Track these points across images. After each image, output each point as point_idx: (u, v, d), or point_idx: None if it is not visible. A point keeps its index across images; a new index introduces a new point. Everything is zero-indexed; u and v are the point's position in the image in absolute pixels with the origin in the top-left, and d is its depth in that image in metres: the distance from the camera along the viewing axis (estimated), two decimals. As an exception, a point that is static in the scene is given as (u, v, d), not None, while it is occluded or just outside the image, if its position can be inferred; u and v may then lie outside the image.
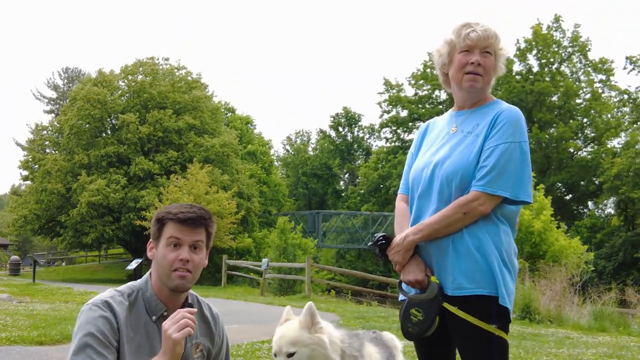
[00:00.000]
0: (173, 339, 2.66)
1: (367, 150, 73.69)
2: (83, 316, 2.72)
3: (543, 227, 22.81)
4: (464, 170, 3.05)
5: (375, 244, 3.26)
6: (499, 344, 3.01)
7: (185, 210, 2.82)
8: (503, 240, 3.05)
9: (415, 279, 3.12)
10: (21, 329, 10.34)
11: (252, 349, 9.17)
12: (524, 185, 3.03)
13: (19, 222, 39.13)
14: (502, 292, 2.97)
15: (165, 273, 2.81)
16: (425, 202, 3.19)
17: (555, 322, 15.64)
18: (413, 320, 3.11)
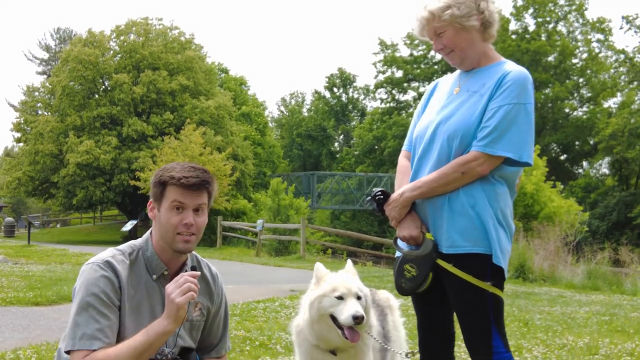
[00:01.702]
0: (177, 303, 2.66)
1: (362, 111, 73.50)
2: (84, 276, 2.71)
3: (535, 188, 22.87)
4: (465, 130, 3.04)
5: (373, 199, 3.26)
6: (493, 301, 3.02)
7: (188, 174, 2.78)
8: (500, 200, 3.04)
9: (410, 235, 3.13)
10: (17, 290, 10.37)
11: (248, 309, 9.23)
12: (527, 146, 3.00)
13: (12, 184, 39.06)
14: (497, 251, 2.97)
15: (169, 236, 2.80)
16: (425, 160, 3.18)
17: (548, 281, 15.78)
18: (407, 275, 3.13)
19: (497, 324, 3.03)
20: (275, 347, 6.59)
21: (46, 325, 7.53)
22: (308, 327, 3.20)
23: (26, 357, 5.70)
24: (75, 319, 2.63)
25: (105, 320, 2.63)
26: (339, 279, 3.23)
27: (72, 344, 2.60)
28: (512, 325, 8.27)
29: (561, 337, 7.40)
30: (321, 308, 3.14)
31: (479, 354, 3.07)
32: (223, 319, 3.10)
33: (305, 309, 3.25)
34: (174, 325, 2.71)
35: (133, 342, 2.64)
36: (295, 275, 15.56)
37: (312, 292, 3.24)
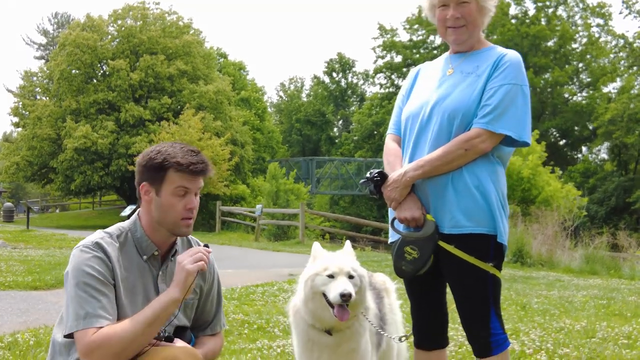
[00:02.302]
0: (187, 270, 2.70)
1: (361, 96, 73.29)
2: (75, 259, 2.69)
3: (532, 172, 22.89)
4: (466, 109, 3.04)
5: (370, 180, 3.22)
6: (493, 282, 3.04)
7: (194, 160, 2.77)
8: (500, 180, 3.07)
9: (412, 216, 3.10)
10: (16, 275, 10.39)
11: (247, 292, 9.26)
12: (526, 126, 3.03)
13: (11, 168, 39.01)
14: (501, 230, 3.00)
15: (172, 221, 2.80)
16: (422, 139, 3.16)
17: (546, 266, 15.82)
18: (407, 258, 3.10)
19: (495, 306, 3.05)
20: (273, 330, 6.62)
21: (45, 309, 7.56)
22: (303, 306, 3.22)
23: (24, 340, 5.71)
24: (74, 301, 2.60)
25: (105, 298, 2.62)
26: (333, 258, 3.24)
27: (76, 324, 2.57)
28: (509, 309, 8.30)
29: (558, 321, 7.43)
30: (314, 286, 3.15)
31: (477, 336, 3.08)
32: (216, 296, 3.10)
33: (301, 288, 3.27)
34: (182, 294, 2.72)
35: (143, 314, 2.64)
36: (294, 259, 15.58)
37: (307, 271, 3.26)
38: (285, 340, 5.94)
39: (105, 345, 2.52)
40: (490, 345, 3.02)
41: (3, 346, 5.48)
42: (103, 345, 2.52)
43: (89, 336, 2.53)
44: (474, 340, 3.10)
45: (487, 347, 3.03)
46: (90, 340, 2.53)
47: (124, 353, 2.56)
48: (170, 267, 2.90)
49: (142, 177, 2.84)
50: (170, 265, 2.90)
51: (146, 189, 2.81)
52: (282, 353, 5.56)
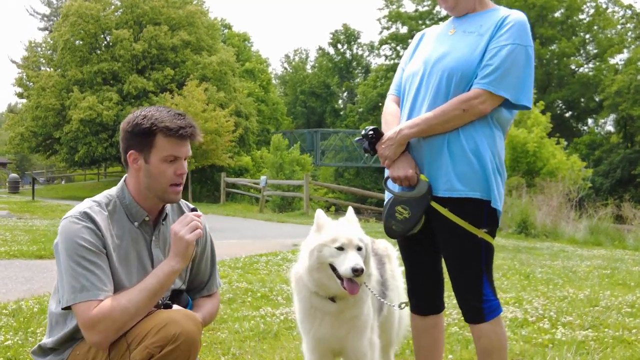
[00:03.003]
0: (186, 240, 2.68)
1: (366, 68, 72.88)
2: (65, 231, 2.64)
3: (537, 145, 22.79)
4: (465, 67, 2.96)
5: (365, 137, 3.16)
6: (486, 248, 2.99)
7: (183, 124, 2.71)
8: (497, 145, 2.99)
9: (405, 175, 3.03)
10: (21, 244, 10.44)
11: (250, 262, 9.29)
12: (526, 89, 2.94)
13: (15, 139, 39.07)
14: (495, 195, 2.94)
15: (162, 188, 2.75)
16: (420, 98, 3.09)
17: (550, 237, 15.82)
18: (398, 217, 3.06)
19: (488, 272, 3.01)
20: (276, 298, 6.64)
21: (49, 277, 7.59)
22: (307, 275, 3.18)
23: (28, 307, 5.74)
24: (68, 273, 2.57)
25: (99, 269, 2.59)
26: (340, 228, 3.16)
27: (73, 297, 2.54)
28: (512, 278, 8.31)
29: (562, 290, 7.44)
30: (321, 257, 3.10)
31: (469, 301, 3.06)
32: (210, 256, 3.08)
33: (305, 257, 3.23)
34: (183, 264, 2.71)
35: (144, 285, 2.63)
36: (299, 230, 15.61)
37: (313, 240, 3.20)
38: (288, 308, 5.96)
39: (108, 318, 2.52)
40: (483, 312, 3.00)
41: (7, 313, 5.52)
42: (106, 318, 2.51)
43: (90, 310, 2.51)
44: (466, 307, 3.08)
45: (480, 313, 3.01)
46: (92, 315, 2.51)
47: (126, 324, 2.56)
48: (163, 231, 2.87)
49: (128, 143, 2.76)
50: (163, 229, 2.87)
51: (134, 156, 2.74)
52: (285, 320, 5.58)
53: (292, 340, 4.94)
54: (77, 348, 2.69)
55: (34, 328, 5.02)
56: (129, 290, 2.62)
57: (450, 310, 6.02)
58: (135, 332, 2.56)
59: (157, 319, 2.57)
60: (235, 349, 4.70)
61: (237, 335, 5.11)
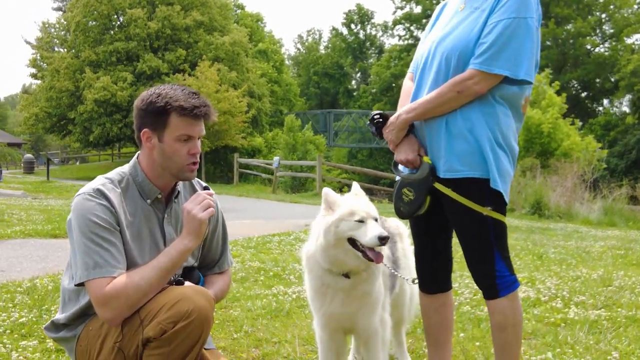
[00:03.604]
0: (199, 219, 2.69)
1: (379, 48, 72.53)
2: (78, 207, 2.65)
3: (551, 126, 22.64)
4: (463, 48, 2.90)
5: (372, 121, 3.20)
6: (494, 225, 2.96)
7: (196, 103, 2.71)
8: (500, 122, 2.91)
9: (406, 158, 3.06)
10: (35, 223, 10.52)
11: (263, 242, 9.33)
12: (525, 63, 2.84)
13: (30, 120, 39.27)
14: (494, 175, 2.88)
15: (177, 167, 2.75)
16: (424, 80, 3.08)
17: (564, 218, 15.76)
18: (405, 199, 3.09)
19: (500, 248, 2.99)
20: (288, 277, 6.67)
21: (63, 256, 7.64)
22: (322, 252, 3.18)
23: (43, 285, 5.80)
24: (82, 250, 2.58)
25: (113, 247, 2.60)
26: (356, 202, 3.18)
27: (87, 274, 2.55)
28: (526, 259, 8.29)
29: (575, 270, 7.41)
30: (338, 232, 3.09)
31: (482, 278, 3.06)
32: (222, 234, 3.09)
33: (318, 234, 3.21)
34: (196, 242, 2.72)
35: (157, 262, 2.64)
36: (311, 211, 15.56)
37: (327, 217, 3.18)
38: (300, 287, 5.98)
39: (122, 295, 2.53)
40: (497, 287, 2.99)
41: (22, 291, 5.57)
42: (119, 295, 2.53)
43: (104, 287, 2.53)
44: (481, 283, 3.08)
45: (494, 289, 3.00)
46: (105, 291, 2.52)
47: (139, 301, 2.58)
48: (175, 209, 2.88)
49: (142, 121, 2.75)
50: (175, 206, 2.88)
51: (148, 135, 2.73)
52: (297, 299, 5.60)
53: (304, 319, 4.97)
54: (90, 324, 2.71)
55: (48, 305, 5.07)
56: (142, 268, 2.63)
57: (462, 290, 6.03)
58: (148, 308, 2.57)
59: (170, 296, 2.58)
60: (247, 327, 4.73)
61: (249, 313, 5.14)
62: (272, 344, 4.36)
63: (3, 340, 4.18)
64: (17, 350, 4.00)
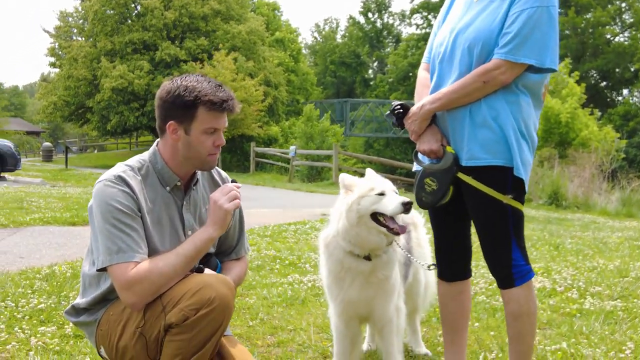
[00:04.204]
0: (225, 209, 2.72)
1: (396, 37, 72.21)
2: (100, 194, 2.67)
3: (570, 116, 22.47)
4: (486, 38, 2.90)
5: (392, 112, 3.19)
6: (513, 214, 2.97)
7: (224, 97, 2.72)
8: (523, 110, 2.93)
9: (430, 149, 3.06)
10: (54, 211, 10.62)
11: (279, 230, 9.36)
12: (550, 51, 2.86)
13: (48, 108, 39.50)
14: (518, 163, 2.89)
15: (201, 158, 2.78)
16: (447, 71, 3.07)
17: (582, 208, 15.67)
18: (427, 189, 3.10)
19: (517, 237, 3.00)
20: (304, 265, 6.70)
21: (82, 243, 7.72)
22: (344, 233, 3.20)
23: (61, 272, 5.87)
24: (104, 235, 2.60)
25: (135, 232, 2.63)
26: (373, 179, 3.25)
27: (109, 259, 2.57)
28: (542, 249, 8.28)
29: (591, 260, 7.39)
30: (361, 209, 3.13)
31: (498, 267, 3.06)
32: (238, 221, 3.11)
33: (339, 217, 3.23)
34: (220, 231, 2.75)
35: (182, 250, 2.67)
36: (327, 200, 15.63)
37: (347, 197, 3.22)
38: (315, 275, 6.01)
39: (146, 280, 2.55)
40: (513, 277, 3.00)
41: (41, 277, 5.64)
42: (143, 280, 2.55)
43: (127, 271, 2.55)
44: (496, 272, 3.08)
45: (510, 278, 3.01)
46: (129, 276, 2.55)
47: (163, 287, 2.60)
48: (193, 196, 2.91)
49: (168, 114, 2.76)
50: (193, 194, 2.90)
51: (174, 127, 2.74)
52: (312, 287, 5.63)
53: (319, 307, 5.00)
54: (110, 309, 2.74)
55: (66, 292, 5.14)
56: (166, 254, 2.66)
57: (477, 280, 6.03)
58: (171, 294, 2.60)
59: (193, 283, 2.61)
60: (263, 314, 4.77)
61: (265, 301, 5.18)
62: (288, 331, 4.40)
63: (22, 325, 4.25)
64: (35, 335, 4.06)
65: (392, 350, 3.43)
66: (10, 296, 4.94)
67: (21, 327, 4.21)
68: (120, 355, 2.70)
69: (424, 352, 4.02)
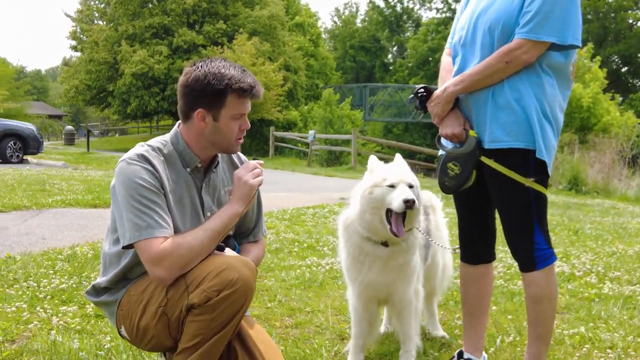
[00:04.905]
0: (250, 184, 2.78)
1: (416, 21, 71.68)
2: (123, 172, 2.68)
3: (592, 101, 22.24)
4: (506, 18, 2.89)
5: (415, 95, 3.17)
6: (536, 197, 2.96)
7: (252, 83, 2.75)
8: (547, 92, 2.90)
9: (452, 132, 3.05)
10: (76, 193, 10.71)
11: (298, 214, 9.40)
12: (572, 27, 2.84)
13: (70, 92, 39.71)
14: (540, 145, 2.87)
15: (228, 143, 2.81)
16: (469, 54, 3.06)
17: (602, 194, 15.56)
18: (450, 174, 3.08)
19: (540, 221, 2.99)
20: (322, 249, 6.73)
21: (103, 225, 7.78)
22: (359, 218, 3.21)
23: (83, 253, 5.95)
24: (130, 212, 2.61)
25: (160, 208, 2.64)
26: (390, 168, 3.23)
27: (138, 235, 2.58)
28: (561, 234, 8.25)
29: (611, 246, 7.35)
30: (372, 198, 3.14)
31: (520, 250, 3.05)
32: (257, 204, 3.13)
33: (356, 200, 3.26)
34: (245, 207, 2.79)
35: (209, 225, 2.69)
36: (346, 184, 15.67)
37: (363, 182, 3.25)
38: (333, 259, 6.04)
39: (175, 254, 2.57)
40: (535, 260, 2.99)
41: (63, 258, 5.72)
42: (172, 254, 2.57)
43: (156, 246, 2.57)
44: (518, 255, 3.08)
45: (531, 261, 3.01)
46: (159, 250, 2.56)
47: (191, 262, 2.62)
48: (213, 179, 2.93)
49: (196, 101, 2.75)
50: (213, 176, 2.92)
51: (202, 114, 2.75)
52: (330, 270, 5.66)
53: (337, 289, 5.03)
54: (131, 289, 2.77)
55: (87, 272, 5.21)
56: (194, 230, 2.68)
57: (496, 264, 6.02)
58: (194, 274, 2.61)
59: (216, 264, 2.62)
60: (281, 296, 4.81)
61: (283, 283, 5.22)
62: (305, 313, 4.43)
63: (44, 305, 4.32)
64: (57, 315, 4.13)
65: (410, 332, 3.45)
66: (32, 276, 5.03)
67: (43, 306, 4.29)
68: (141, 334, 2.73)
69: (441, 334, 4.04)
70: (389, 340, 3.92)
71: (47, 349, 3.50)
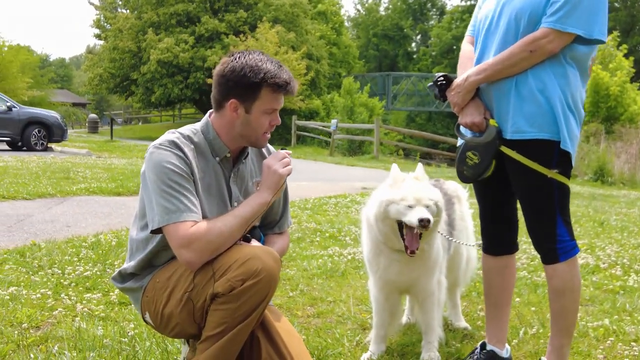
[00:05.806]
0: (279, 174, 2.78)
1: (441, 9, 71.20)
2: (154, 157, 2.70)
3: (619, 89, 21.93)
4: (533, 7, 2.84)
5: (435, 83, 3.14)
6: (559, 189, 2.92)
7: (288, 79, 2.74)
8: (571, 83, 2.87)
9: (472, 122, 3.01)
10: (99, 181, 10.80)
11: (320, 203, 9.40)
12: (598, 22, 2.80)
13: (94, 80, 40.03)
14: (565, 136, 2.84)
15: (256, 136, 2.82)
16: (491, 42, 3.02)
17: (628, 185, 15.38)
18: (469, 163, 3.05)
19: (562, 213, 2.96)
20: (344, 238, 6.73)
21: (127, 213, 7.86)
22: (375, 222, 3.25)
23: (107, 241, 5.99)
24: (160, 196, 2.63)
25: (190, 193, 2.66)
26: (411, 188, 3.18)
27: (167, 218, 2.59)
28: (586, 225, 8.17)
29: (637, 238, 7.27)
30: (387, 212, 3.16)
31: (542, 242, 3.02)
32: (283, 196, 3.13)
33: (374, 206, 3.26)
34: (274, 196, 2.80)
35: (239, 212, 2.70)
36: (368, 174, 15.66)
37: (381, 193, 3.25)
38: (355, 248, 6.03)
39: (205, 238, 2.58)
40: (557, 252, 2.96)
41: (87, 246, 5.77)
42: (202, 238, 2.58)
43: (187, 229, 2.58)
44: (540, 247, 3.04)
45: (554, 253, 2.97)
46: (189, 233, 2.57)
47: (220, 247, 2.63)
48: (241, 169, 2.93)
49: (231, 92, 2.76)
50: (241, 167, 2.93)
51: (235, 105, 2.76)
52: (352, 260, 5.66)
53: (358, 279, 5.03)
54: (157, 275, 2.79)
55: (111, 260, 5.26)
56: (224, 216, 2.69)
57: (519, 255, 5.98)
58: (221, 261, 2.62)
59: (241, 253, 2.63)
60: (303, 286, 4.82)
61: (305, 272, 5.23)
62: (327, 302, 4.44)
63: (69, 292, 4.36)
64: (81, 302, 4.17)
65: (432, 323, 3.44)
66: (57, 263, 5.08)
67: (67, 293, 4.33)
68: (165, 321, 2.75)
69: (463, 325, 4.02)
70: (411, 330, 3.91)
71: (71, 335, 3.53)
